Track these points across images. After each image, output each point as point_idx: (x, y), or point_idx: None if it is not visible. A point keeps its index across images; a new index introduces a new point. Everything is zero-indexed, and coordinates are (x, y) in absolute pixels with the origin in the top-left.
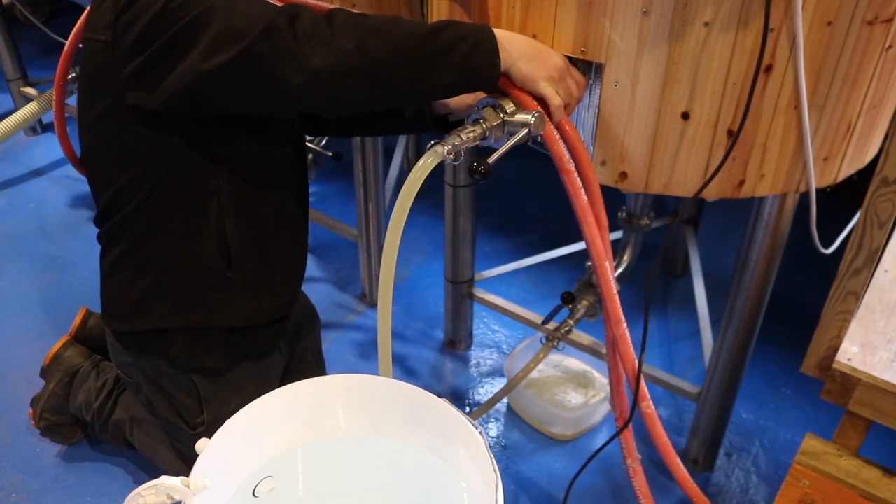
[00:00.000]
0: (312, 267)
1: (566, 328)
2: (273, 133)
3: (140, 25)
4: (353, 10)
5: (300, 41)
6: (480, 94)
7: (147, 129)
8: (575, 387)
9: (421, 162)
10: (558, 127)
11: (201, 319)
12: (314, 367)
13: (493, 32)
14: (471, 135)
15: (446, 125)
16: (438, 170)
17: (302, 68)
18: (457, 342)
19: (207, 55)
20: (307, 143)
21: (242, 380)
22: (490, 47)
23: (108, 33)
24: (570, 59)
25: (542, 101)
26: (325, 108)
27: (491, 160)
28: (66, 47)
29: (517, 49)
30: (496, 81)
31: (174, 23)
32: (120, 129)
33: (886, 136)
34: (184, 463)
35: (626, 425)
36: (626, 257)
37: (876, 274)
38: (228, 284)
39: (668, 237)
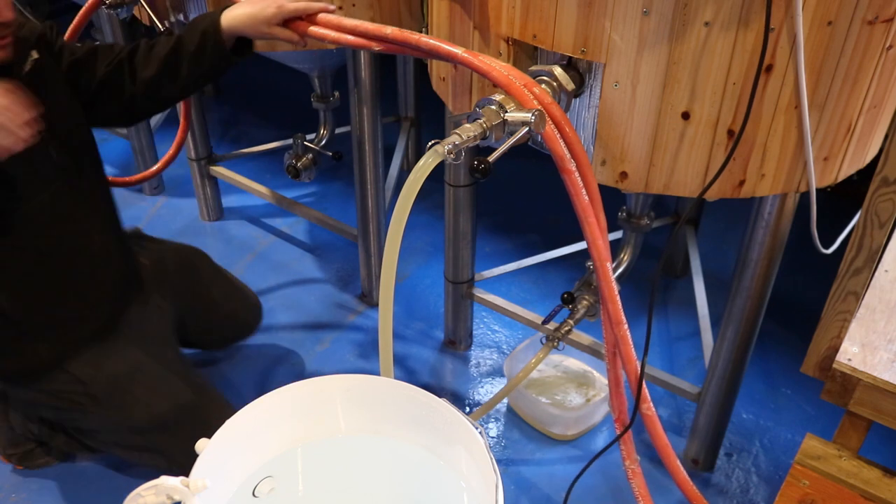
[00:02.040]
0: (312, 267)
1: (566, 328)
2: (17, 190)
3: None
4: (353, 8)
5: None
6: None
7: None
8: (575, 387)
9: (421, 162)
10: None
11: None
12: (235, 295)
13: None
14: (471, 134)
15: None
16: (438, 170)
17: None
18: (457, 342)
19: None
20: (307, 144)
21: (110, 351)
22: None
23: None
24: (569, 58)
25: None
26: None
27: (491, 159)
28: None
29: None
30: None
31: None
32: None
33: (887, 136)
34: (134, 451)
35: (627, 429)
36: (626, 257)
37: (876, 274)
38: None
39: (670, 239)
